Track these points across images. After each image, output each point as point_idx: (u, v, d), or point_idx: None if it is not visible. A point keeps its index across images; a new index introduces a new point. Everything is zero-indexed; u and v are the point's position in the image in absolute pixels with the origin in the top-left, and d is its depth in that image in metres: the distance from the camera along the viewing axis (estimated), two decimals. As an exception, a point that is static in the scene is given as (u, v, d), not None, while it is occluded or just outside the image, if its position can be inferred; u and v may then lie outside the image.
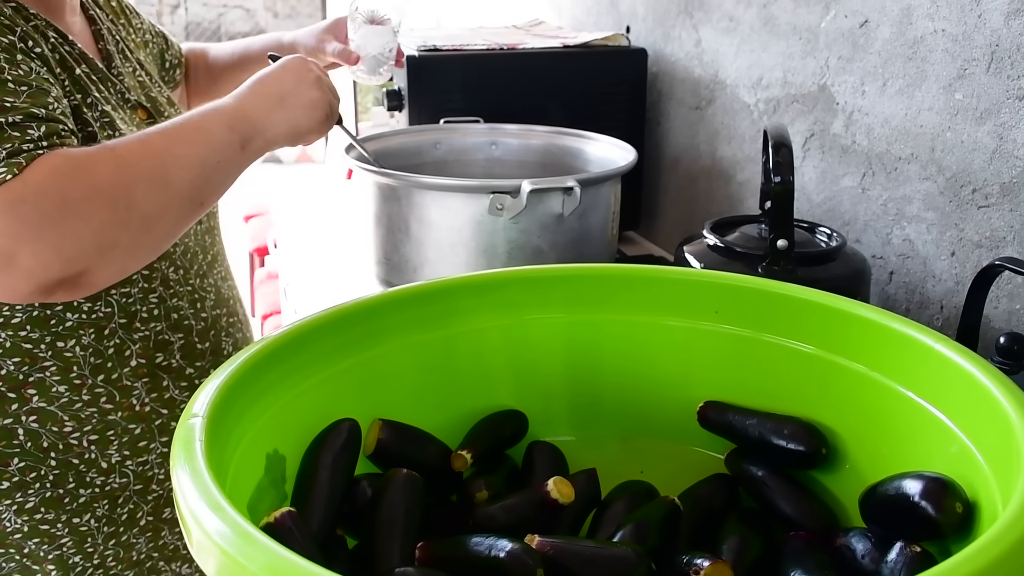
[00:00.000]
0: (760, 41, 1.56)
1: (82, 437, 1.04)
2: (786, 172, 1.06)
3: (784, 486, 0.80)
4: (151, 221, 0.89)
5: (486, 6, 3.00)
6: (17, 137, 0.83)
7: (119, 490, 1.08)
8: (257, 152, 1.00)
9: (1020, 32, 1.07)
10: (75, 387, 1.02)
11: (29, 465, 1.02)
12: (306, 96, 1.04)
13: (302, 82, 1.04)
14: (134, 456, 1.08)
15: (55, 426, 1.02)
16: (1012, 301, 1.12)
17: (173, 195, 0.90)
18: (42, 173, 0.83)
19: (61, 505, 1.04)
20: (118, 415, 1.05)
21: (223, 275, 1.21)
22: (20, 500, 1.03)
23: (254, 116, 0.99)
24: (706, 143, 1.77)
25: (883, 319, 0.77)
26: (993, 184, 1.12)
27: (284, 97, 1.02)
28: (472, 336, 0.86)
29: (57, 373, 1.01)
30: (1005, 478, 0.60)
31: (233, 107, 0.98)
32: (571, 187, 1.24)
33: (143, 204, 0.87)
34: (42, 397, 1.01)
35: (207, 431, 0.61)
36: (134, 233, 0.88)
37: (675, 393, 0.88)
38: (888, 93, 1.28)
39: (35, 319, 0.99)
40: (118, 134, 1.00)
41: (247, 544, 0.50)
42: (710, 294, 0.87)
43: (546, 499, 0.74)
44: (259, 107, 1.00)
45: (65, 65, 0.98)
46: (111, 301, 1.03)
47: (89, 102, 0.99)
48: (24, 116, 0.85)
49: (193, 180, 0.92)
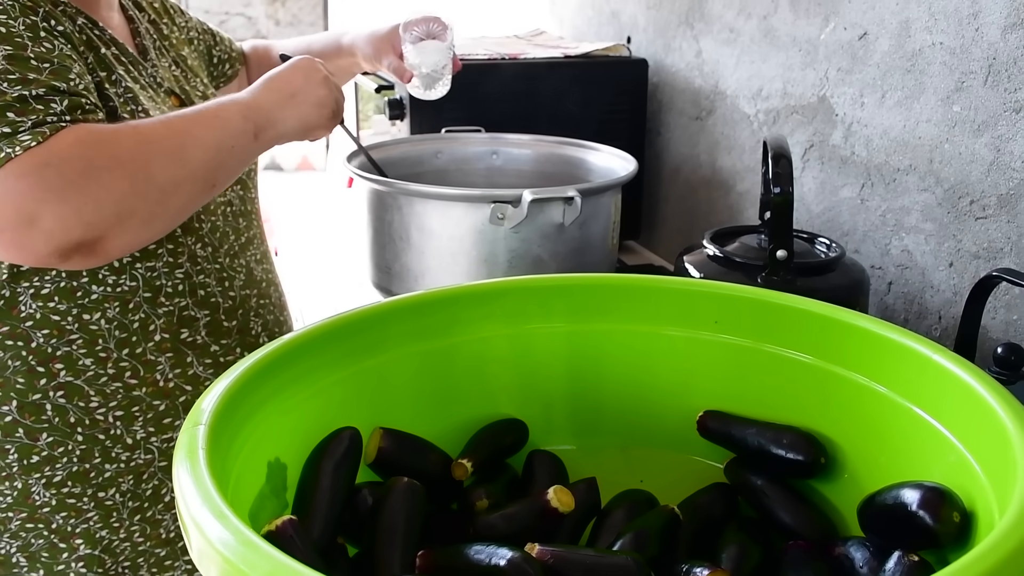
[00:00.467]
0: (760, 52, 1.57)
1: (108, 413, 1.07)
2: (785, 183, 1.06)
3: (783, 495, 0.80)
4: (167, 195, 0.93)
5: (488, 16, 3.02)
6: (41, 110, 0.88)
7: (144, 466, 1.10)
8: (268, 143, 1.05)
9: (1016, 46, 1.07)
10: (100, 360, 1.05)
11: (57, 440, 1.05)
12: (314, 94, 1.09)
13: (310, 81, 1.09)
14: (159, 433, 1.10)
15: (81, 401, 1.05)
16: (1009, 312, 1.12)
17: (189, 172, 0.95)
18: (66, 142, 0.87)
19: (87, 479, 1.08)
20: (142, 391, 1.08)
21: (258, 258, 1.22)
22: (48, 474, 1.06)
23: (267, 109, 1.04)
24: (706, 153, 1.77)
25: (881, 330, 0.77)
26: (991, 196, 1.13)
27: (294, 94, 1.07)
28: (474, 345, 0.87)
29: (83, 346, 1.04)
30: (1002, 488, 0.60)
31: (248, 100, 1.04)
32: (572, 197, 1.24)
33: (161, 178, 0.92)
34: (69, 371, 1.04)
35: (209, 438, 0.62)
36: (151, 204, 0.92)
37: (675, 402, 0.88)
38: (887, 105, 1.29)
39: (62, 290, 1.02)
40: (140, 110, 1.03)
41: (250, 552, 0.50)
42: (710, 304, 0.87)
43: (546, 508, 0.75)
44: (271, 101, 1.05)
45: (91, 45, 1.02)
46: (136, 275, 1.05)
47: (113, 79, 1.03)
48: (47, 89, 0.89)
49: (208, 161, 0.97)
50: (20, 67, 0.89)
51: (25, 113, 0.87)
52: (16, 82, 0.88)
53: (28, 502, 1.06)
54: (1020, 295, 1.11)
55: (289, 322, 1.30)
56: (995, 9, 1.10)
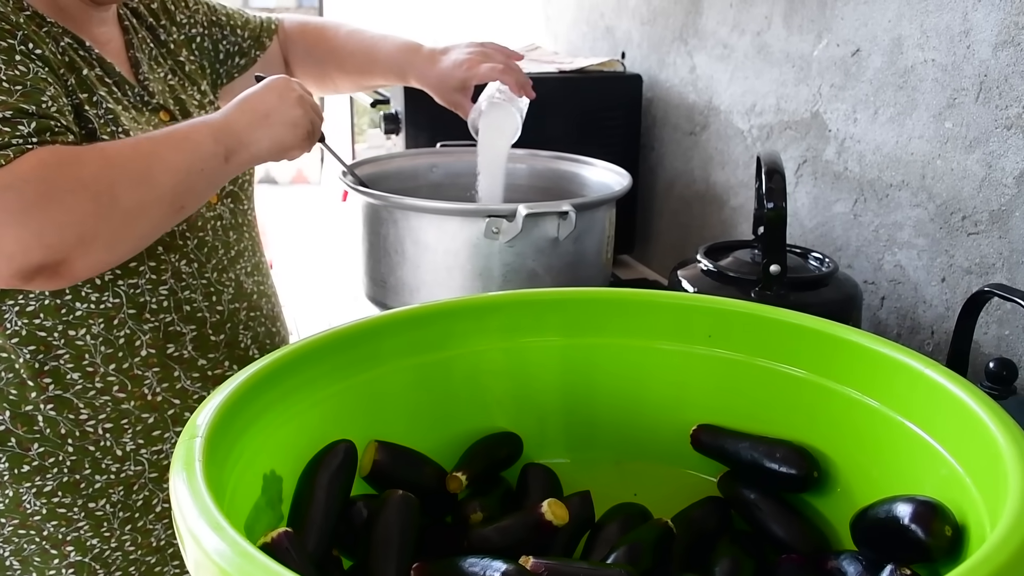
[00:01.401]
0: (754, 68, 1.58)
1: (97, 425, 1.07)
2: (779, 198, 1.07)
3: (776, 509, 0.80)
4: (132, 218, 0.93)
5: (482, 31, 3.03)
6: (7, 132, 0.88)
7: (134, 477, 1.11)
8: (240, 165, 1.04)
9: (1007, 63, 1.08)
10: (88, 375, 1.06)
11: (48, 450, 1.06)
12: (289, 114, 1.07)
13: (285, 101, 1.07)
14: (148, 445, 1.11)
15: (71, 413, 1.06)
16: (1001, 327, 1.13)
17: (155, 196, 0.94)
18: (29, 164, 0.87)
19: (77, 490, 1.08)
20: (131, 404, 1.08)
21: (248, 270, 1.22)
22: (39, 483, 1.06)
23: (239, 131, 1.03)
24: (700, 168, 1.78)
25: (874, 344, 0.78)
26: (982, 211, 1.14)
27: (268, 115, 1.06)
28: (469, 358, 0.87)
29: (70, 361, 1.04)
30: (993, 502, 0.61)
31: (220, 121, 1.03)
32: (566, 211, 1.25)
33: (125, 201, 0.91)
34: (57, 385, 1.05)
35: (206, 451, 0.62)
36: (115, 227, 0.92)
37: (669, 416, 0.89)
38: (879, 121, 1.30)
39: (47, 308, 1.02)
40: (121, 131, 1.02)
41: (246, 563, 0.50)
42: (704, 318, 0.88)
43: (540, 521, 0.75)
44: (244, 123, 1.04)
45: (72, 66, 1.02)
46: (119, 292, 1.05)
47: (94, 100, 1.02)
48: (15, 112, 0.89)
49: (176, 185, 0.96)
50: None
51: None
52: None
53: (20, 510, 1.07)
54: (1012, 310, 1.11)
55: (283, 334, 1.29)
56: (986, 27, 1.11)
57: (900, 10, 1.24)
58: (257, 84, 1.10)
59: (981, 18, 1.11)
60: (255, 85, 1.10)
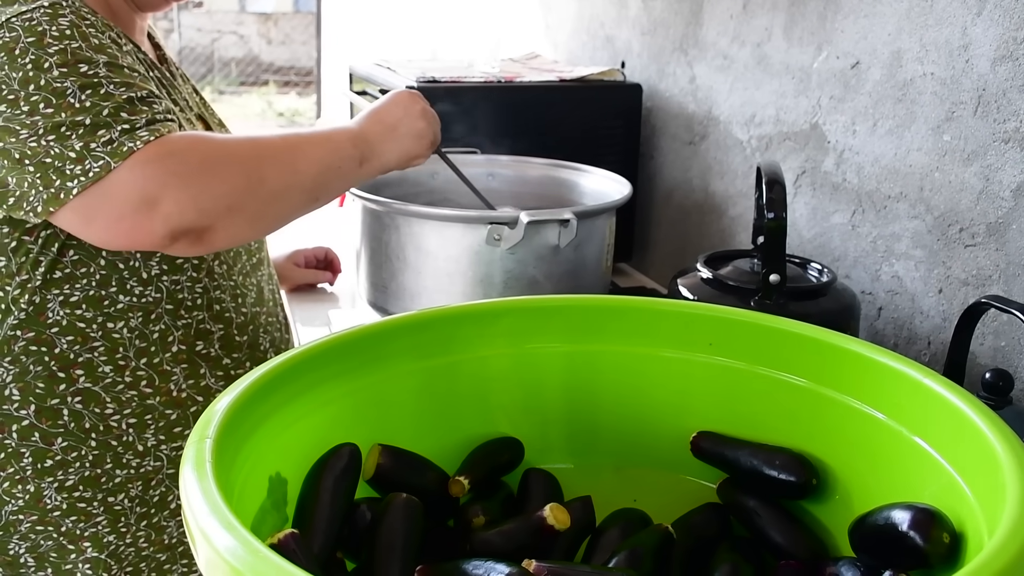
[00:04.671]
0: (753, 79, 1.59)
1: (121, 420, 1.10)
2: (779, 208, 1.08)
3: (775, 515, 0.81)
4: (276, 198, 1.00)
5: (482, 39, 3.04)
6: (146, 110, 0.96)
7: (152, 473, 1.14)
8: (372, 172, 1.12)
9: (1006, 77, 1.10)
10: (119, 368, 1.09)
11: (71, 445, 1.09)
12: (414, 126, 1.15)
13: (410, 114, 1.15)
14: (169, 441, 1.14)
15: (97, 407, 1.09)
16: (997, 338, 1.14)
17: (298, 182, 1.02)
18: (184, 138, 0.96)
19: (98, 484, 1.11)
20: (156, 399, 1.12)
21: (267, 277, 1.28)
22: (61, 478, 1.09)
23: (372, 140, 1.11)
24: (699, 178, 1.79)
25: (874, 354, 0.78)
26: (980, 224, 1.15)
27: (396, 127, 1.14)
28: (473, 364, 0.88)
29: (104, 354, 1.08)
30: (991, 510, 0.62)
31: (356, 130, 1.11)
32: (568, 219, 1.26)
33: (272, 181, 0.99)
34: (88, 377, 1.08)
35: (215, 452, 0.63)
36: (260, 204, 0.99)
37: (670, 423, 0.89)
38: (878, 133, 1.31)
39: (90, 299, 1.06)
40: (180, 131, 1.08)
41: (258, 561, 0.51)
42: (705, 326, 0.88)
43: (542, 525, 0.75)
44: (376, 132, 1.12)
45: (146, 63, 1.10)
46: (161, 287, 1.10)
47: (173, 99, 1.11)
48: (147, 92, 0.98)
49: (316, 176, 1.04)
50: (119, 74, 0.96)
51: (136, 113, 0.94)
52: (121, 85, 0.95)
53: (40, 505, 1.09)
54: (1008, 322, 1.12)
55: (292, 342, 1.35)
56: (985, 41, 1.12)
57: (900, 24, 1.25)
58: (384, 97, 1.16)
59: (980, 33, 1.13)
60: (382, 97, 1.16)
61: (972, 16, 1.14)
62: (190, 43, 10.93)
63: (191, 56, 10.84)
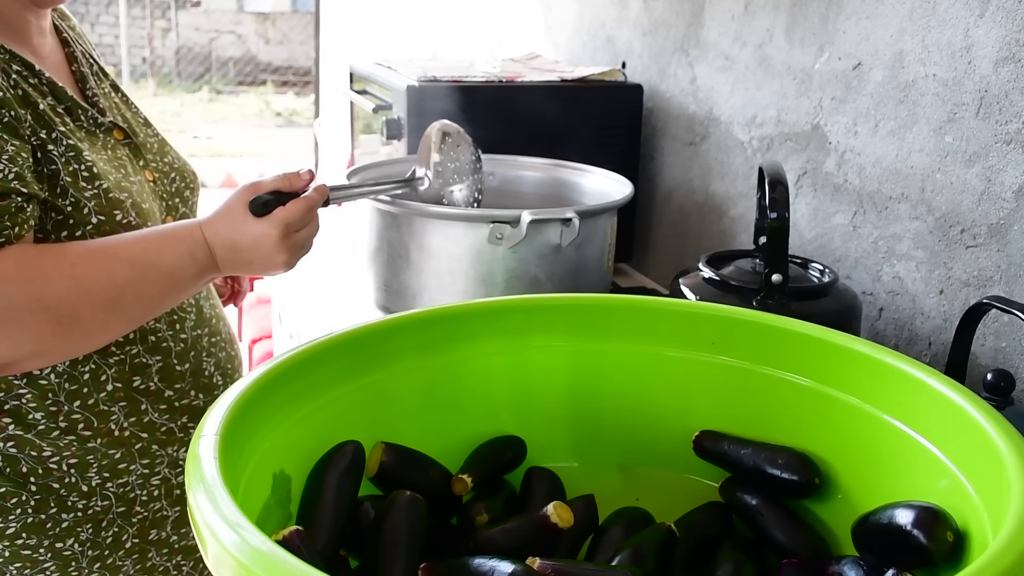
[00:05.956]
0: (755, 80, 1.59)
1: (61, 462, 1.04)
2: (782, 209, 1.08)
3: (778, 514, 0.81)
4: (93, 336, 0.95)
5: (482, 39, 3.04)
6: None
7: (102, 513, 1.07)
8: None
9: (1008, 79, 1.10)
10: (51, 414, 1.02)
11: (9, 491, 1.02)
12: (274, 260, 1.04)
13: (273, 258, 1.04)
14: (114, 478, 1.07)
15: (33, 451, 1.02)
16: (998, 339, 1.14)
17: (121, 318, 0.96)
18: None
19: (43, 530, 1.04)
20: (97, 441, 1.05)
21: (204, 294, 1.19)
22: (0, 526, 1.03)
23: (224, 269, 1.03)
24: (699, 178, 1.80)
25: (877, 354, 0.79)
26: (981, 225, 1.15)
27: (252, 263, 1.04)
28: (477, 362, 0.88)
29: (33, 400, 1.01)
30: (995, 509, 0.62)
31: (208, 259, 1.01)
32: (570, 218, 1.26)
33: (89, 323, 0.92)
34: (18, 425, 1.01)
35: (220, 448, 0.63)
36: (73, 343, 0.94)
37: (673, 422, 0.89)
38: (880, 134, 1.31)
39: None
40: (84, 168, 1.00)
41: (265, 557, 0.51)
42: (708, 326, 0.89)
43: (546, 523, 0.76)
44: (229, 263, 1.03)
45: (27, 101, 0.98)
46: None
47: (54, 137, 0.99)
48: None
49: (146, 311, 0.99)
50: None
51: None
52: None
53: None
54: (1009, 322, 1.13)
55: (240, 356, 1.26)
56: (987, 43, 1.12)
57: (902, 25, 1.26)
58: (250, 221, 1.03)
59: (982, 34, 1.13)
60: (248, 220, 1.02)
61: (974, 18, 1.14)
62: (187, 43, 10.93)
63: (188, 56, 10.83)
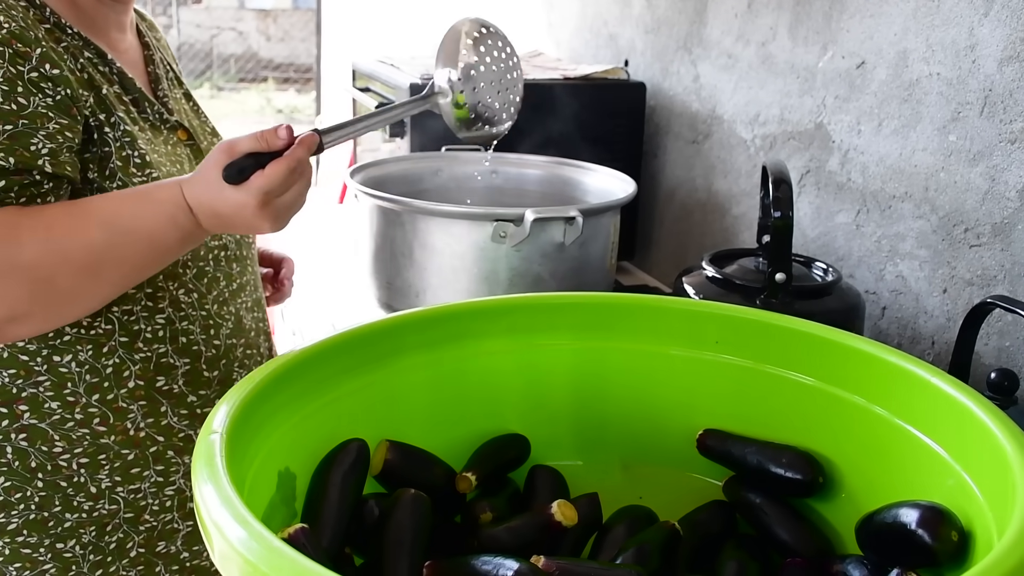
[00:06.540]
0: (758, 79, 1.59)
1: (72, 459, 1.01)
2: (786, 208, 1.08)
3: (781, 513, 0.81)
4: (71, 300, 0.90)
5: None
6: None
7: (107, 517, 1.05)
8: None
9: (1012, 78, 1.10)
10: (68, 404, 1.00)
11: (15, 485, 1.00)
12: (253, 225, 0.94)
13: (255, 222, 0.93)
14: (126, 483, 1.05)
15: (44, 445, 1.00)
16: (1002, 338, 1.14)
17: (100, 284, 0.91)
18: None
19: (45, 529, 1.02)
20: (111, 439, 1.03)
21: (249, 305, 1.16)
22: (2, 521, 1.01)
23: (207, 229, 0.94)
24: (702, 177, 1.80)
25: (882, 353, 0.79)
26: (985, 224, 1.15)
27: (233, 226, 0.95)
28: (481, 360, 0.88)
29: (51, 389, 0.99)
30: (1000, 509, 0.62)
31: (191, 223, 0.93)
32: (573, 217, 1.26)
33: (65, 287, 0.88)
34: (33, 414, 0.99)
35: (226, 446, 0.63)
36: (50, 307, 0.89)
37: (676, 421, 0.90)
38: (883, 133, 1.31)
39: None
40: (136, 155, 0.99)
41: (271, 554, 0.51)
42: (712, 324, 0.89)
43: (550, 521, 0.76)
44: (211, 226, 0.94)
45: (92, 84, 0.98)
46: (112, 318, 1.00)
47: (112, 121, 0.98)
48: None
49: (124, 278, 0.93)
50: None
51: None
52: None
53: None
54: (1013, 322, 1.13)
55: None
56: (992, 42, 1.12)
57: (906, 24, 1.26)
58: (227, 189, 0.91)
59: (987, 33, 1.13)
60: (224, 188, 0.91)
61: (979, 16, 1.14)
62: (189, 39, 10.91)
63: (190, 52, 10.81)
